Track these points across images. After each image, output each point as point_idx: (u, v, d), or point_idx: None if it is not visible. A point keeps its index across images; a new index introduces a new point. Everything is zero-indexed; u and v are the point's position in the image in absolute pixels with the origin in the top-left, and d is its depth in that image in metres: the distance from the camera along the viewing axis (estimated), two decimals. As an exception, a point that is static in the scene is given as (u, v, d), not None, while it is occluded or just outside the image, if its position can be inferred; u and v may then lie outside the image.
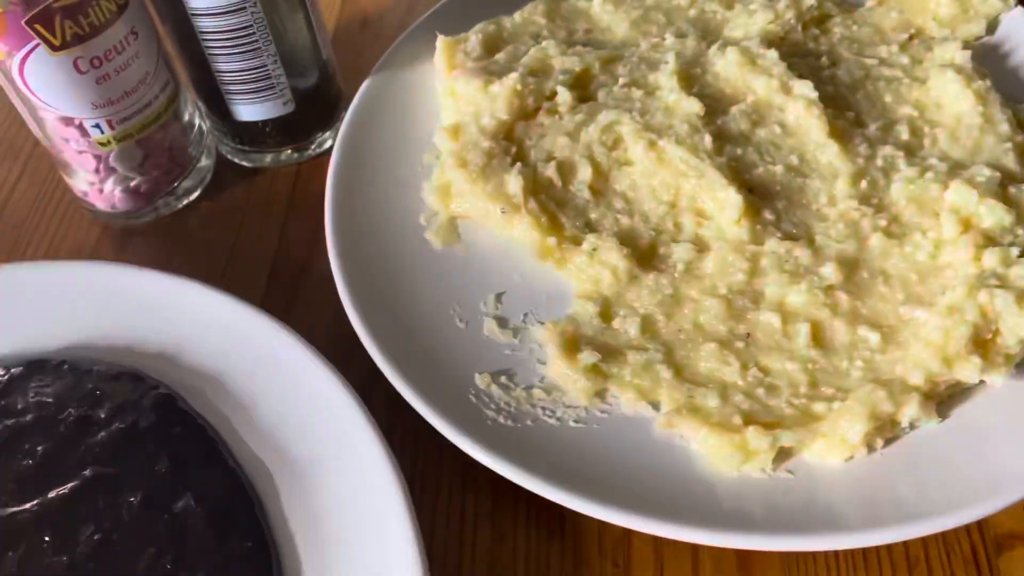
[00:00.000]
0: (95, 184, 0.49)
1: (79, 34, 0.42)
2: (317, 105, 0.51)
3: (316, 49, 0.49)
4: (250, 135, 0.50)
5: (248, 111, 0.48)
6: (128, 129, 0.46)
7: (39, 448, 0.38)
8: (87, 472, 0.37)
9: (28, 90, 0.44)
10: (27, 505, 0.37)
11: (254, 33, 0.45)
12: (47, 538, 0.36)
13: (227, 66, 0.46)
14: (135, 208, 0.50)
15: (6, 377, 0.41)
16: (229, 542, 0.35)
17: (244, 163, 0.52)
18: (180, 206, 0.51)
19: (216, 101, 0.48)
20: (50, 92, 0.44)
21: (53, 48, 0.42)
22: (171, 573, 0.35)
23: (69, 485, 0.37)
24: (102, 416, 0.39)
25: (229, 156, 0.53)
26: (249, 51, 0.45)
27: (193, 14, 0.44)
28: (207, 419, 0.39)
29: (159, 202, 0.50)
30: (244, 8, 0.44)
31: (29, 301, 0.44)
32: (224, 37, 0.45)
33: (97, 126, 0.46)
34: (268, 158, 0.52)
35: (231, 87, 0.47)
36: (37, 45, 0.42)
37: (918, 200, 0.42)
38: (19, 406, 0.40)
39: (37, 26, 0.41)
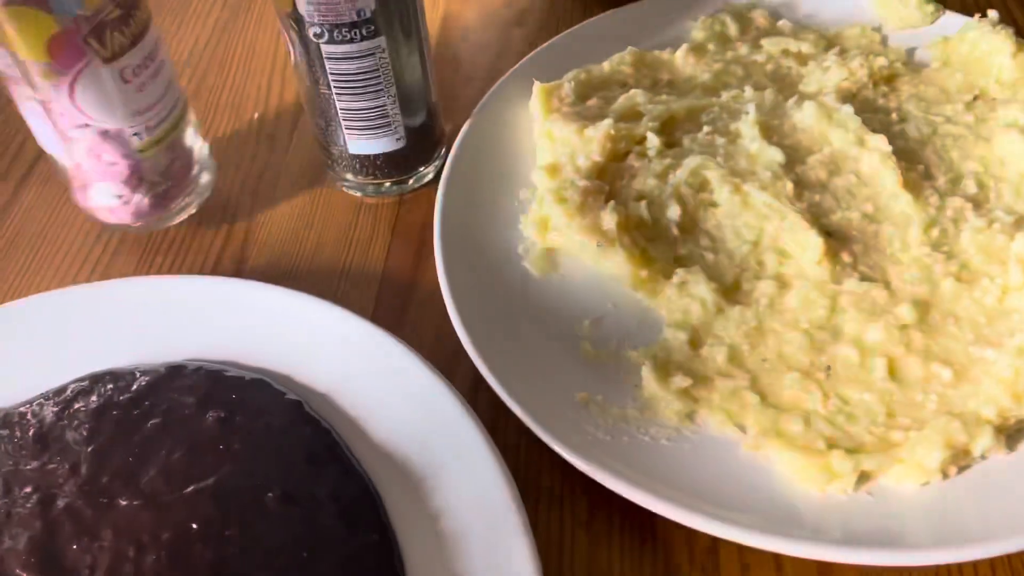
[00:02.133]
0: (123, 196, 0.52)
1: (124, 44, 0.47)
2: (423, 141, 0.55)
3: (427, 90, 0.53)
4: (362, 167, 0.54)
5: (363, 146, 0.53)
6: (160, 134, 0.51)
7: (183, 445, 0.42)
8: (226, 468, 0.41)
9: (76, 109, 0.47)
10: (174, 496, 0.40)
11: (379, 76, 0.49)
12: (194, 525, 0.39)
13: (351, 104, 0.50)
14: (158, 215, 0.54)
15: (147, 381, 0.45)
16: (358, 535, 0.39)
17: (352, 192, 0.57)
18: (180, 220, 0.55)
19: (334, 134, 0.53)
20: (100, 106, 0.48)
21: (105, 60, 0.46)
22: (306, 560, 0.38)
23: (211, 479, 0.41)
24: (237, 419, 0.43)
25: (339, 185, 0.57)
26: (372, 92, 0.50)
27: (328, 58, 0.48)
28: (331, 423, 0.43)
29: (176, 210, 0.55)
30: (373, 54, 0.48)
31: (156, 312, 0.48)
32: (352, 79, 0.49)
33: (137, 134, 0.50)
34: (370, 188, 0.56)
35: (351, 123, 0.51)
36: (89, 61, 0.46)
37: (986, 249, 0.46)
38: (162, 407, 0.44)
39: (91, 40, 0.45)
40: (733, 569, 0.41)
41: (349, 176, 0.55)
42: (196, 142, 0.55)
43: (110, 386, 0.44)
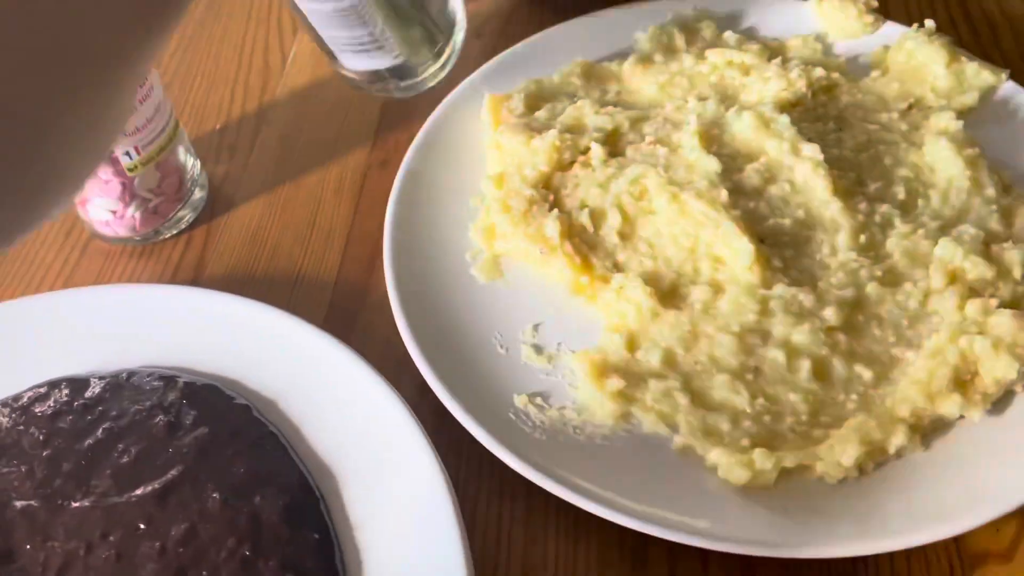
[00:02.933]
0: (117, 211, 0.54)
1: None
2: (426, 44, 0.57)
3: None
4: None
5: (361, 62, 0.54)
6: (150, 153, 0.53)
7: (133, 448, 0.44)
8: (174, 471, 0.43)
9: None
10: (124, 497, 0.42)
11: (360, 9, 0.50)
12: (142, 525, 0.41)
13: (335, 34, 0.52)
14: (152, 228, 0.56)
15: (102, 386, 0.47)
16: (300, 534, 0.41)
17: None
18: (174, 232, 0.57)
19: (331, 53, 0.55)
20: None
21: None
22: (250, 559, 0.40)
23: (160, 481, 0.42)
24: (187, 423, 0.45)
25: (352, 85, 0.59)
26: (357, 25, 0.51)
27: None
28: (279, 427, 0.45)
29: (168, 224, 0.57)
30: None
31: (111, 320, 0.49)
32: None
33: (127, 153, 0.52)
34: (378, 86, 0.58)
35: (341, 48, 0.53)
36: None
37: (911, 254, 0.48)
38: (114, 412, 0.45)
39: None
40: (661, 563, 0.42)
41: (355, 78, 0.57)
42: (188, 160, 0.57)
43: (66, 392, 0.46)
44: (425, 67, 0.57)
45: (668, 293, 0.49)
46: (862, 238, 0.49)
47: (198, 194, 0.58)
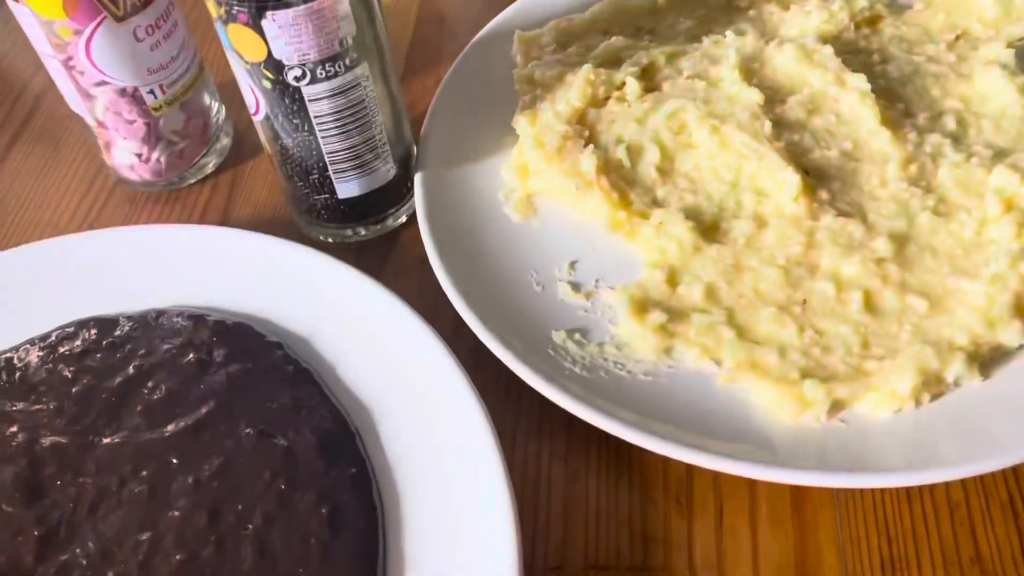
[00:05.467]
0: (143, 154, 0.53)
1: (136, 4, 0.48)
2: (406, 168, 0.51)
3: (403, 107, 0.50)
4: (350, 211, 0.50)
5: (353, 187, 0.48)
6: (175, 92, 0.52)
7: (163, 385, 0.43)
8: (206, 407, 0.42)
9: (93, 66, 0.48)
10: (156, 433, 0.41)
11: (366, 107, 0.45)
12: (175, 460, 0.40)
13: (340, 145, 0.46)
14: (177, 174, 0.55)
15: (131, 325, 0.46)
16: (336, 468, 0.40)
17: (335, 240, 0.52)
18: (199, 178, 0.56)
19: (318, 185, 0.48)
20: (114, 64, 0.49)
21: (117, 19, 0.47)
22: (286, 493, 0.39)
23: (192, 417, 0.42)
24: (219, 359, 0.44)
25: (322, 238, 0.52)
26: (362, 125, 0.46)
27: (312, 100, 0.44)
28: (312, 365, 0.44)
29: (194, 170, 0.55)
30: (358, 84, 0.44)
31: (139, 261, 0.48)
32: (339, 117, 0.45)
33: (152, 92, 0.51)
34: (354, 231, 0.52)
35: (340, 165, 0.47)
36: (104, 19, 0.47)
37: (964, 183, 0.46)
38: (144, 350, 0.44)
39: (105, 0, 0.46)
40: (707, 499, 0.41)
41: (332, 226, 0.51)
42: (213, 104, 0.56)
43: (94, 331, 0.45)
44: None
45: (710, 228, 0.47)
46: (912, 168, 0.47)
47: (224, 140, 0.57)
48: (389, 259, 0.52)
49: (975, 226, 0.44)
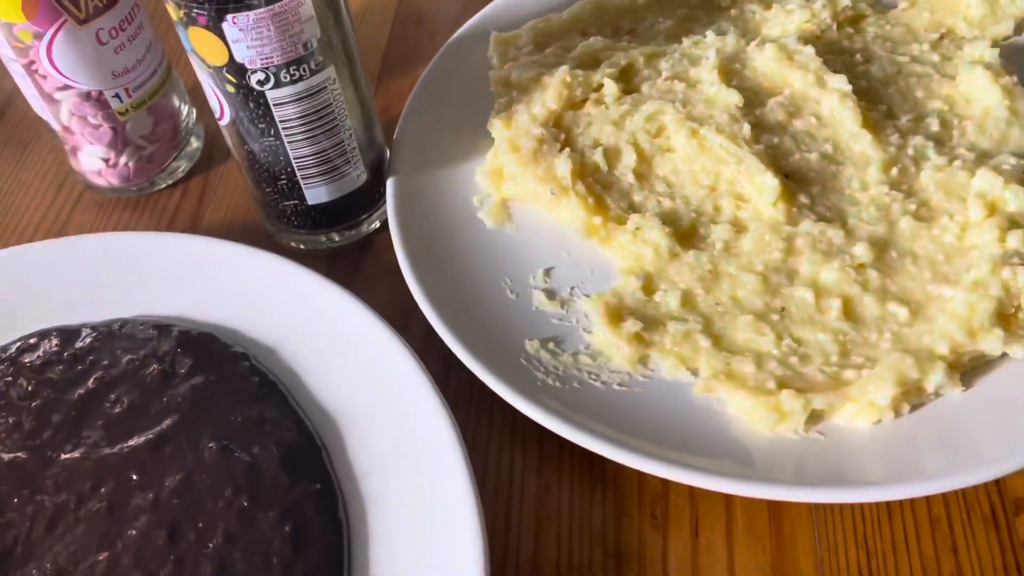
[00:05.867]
0: (110, 159, 0.52)
1: (99, 6, 0.46)
2: (379, 173, 0.50)
3: (374, 112, 0.49)
4: (320, 217, 0.49)
5: (322, 192, 0.47)
6: (142, 96, 0.51)
7: (125, 398, 0.42)
8: (169, 421, 0.41)
9: (55, 70, 0.47)
10: (116, 448, 0.40)
11: (333, 110, 0.44)
12: (134, 476, 0.39)
13: (307, 150, 0.45)
14: (147, 178, 0.54)
15: (93, 336, 0.44)
16: (300, 484, 0.39)
17: (307, 247, 0.51)
18: (177, 180, 0.55)
19: (287, 191, 0.47)
20: (77, 67, 0.47)
21: (79, 22, 0.46)
22: (248, 510, 0.38)
23: (154, 431, 0.40)
24: (182, 371, 0.43)
25: (293, 244, 0.51)
26: (329, 130, 0.44)
27: (277, 104, 0.42)
28: (278, 375, 0.43)
29: (163, 174, 0.54)
30: (325, 87, 0.43)
31: (105, 269, 0.47)
32: (307, 121, 0.44)
33: (117, 96, 0.50)
34: (327, 237, 0.51)
35: (309, 171, 0.46)
36: (65, 22, 0.46)
37: (946, 186, 0.45)
38: (106, 361, 0.43)
39: (65, 2, 0.45)
40: (683, 513, 0.40)
41: (303, 232, 0.50)
42: (183, 107, 0.55)
43: (56, 341, 0.44)
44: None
45: (687, 233, 0.46)
46: (894, 171, 0.46)
47: (194, 144, 0.56)
48: (362, 265, 0.51)
49: (957, 230, 0.43)
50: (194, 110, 0.56)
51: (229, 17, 0.39)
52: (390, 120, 0.54)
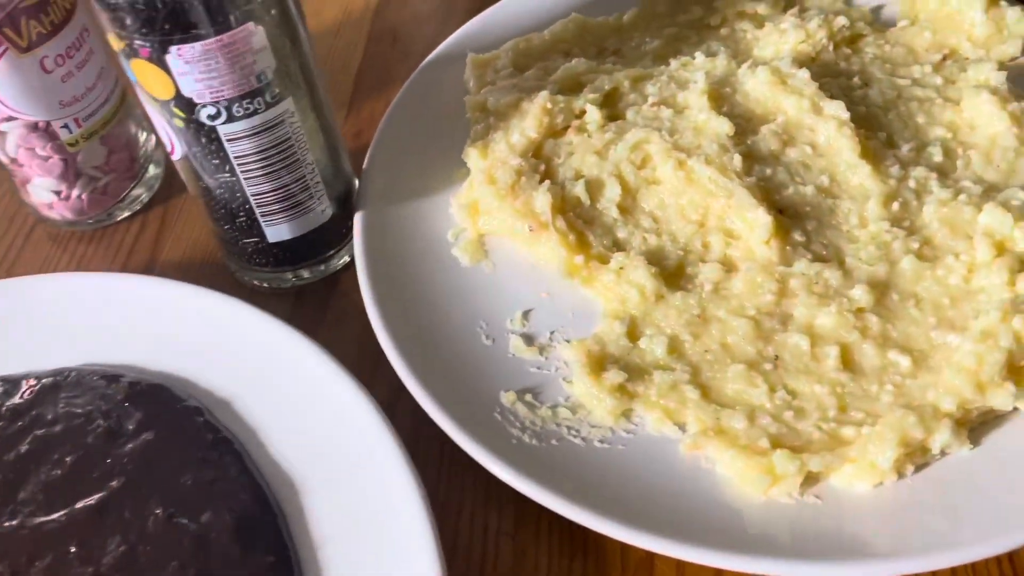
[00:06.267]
0: (62, 191, 0.49)
1: (42, 33, 0.43)
2: (346, 207, 0.47)
3: (341, 146, 0.46)
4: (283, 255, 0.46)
5: (283, 230, 0.44)
6: (93, 126, 0.48)
7: (67, 459, 0.39)
8: (114, 483, 0.38)
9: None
10: (54, 516, 0.37)
11: (292, 145, 0.41)
12: (73, 548, 0.36)
13: (264, 187, 0.42)
14: (103, 210, 0.51)
15: (37, 387, 0.41)
16: (253, 556, 0.36)
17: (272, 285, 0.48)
18: (136, 211, 0.52)
19: (246, 228, 0.44)
20: (21, 96, 0.45)
21: (21, 50, 0.43)
22: (195, 586, 0.35)
23: (96, 496, 0.37)
24: (130, 428, 0.40)
25: (256, 283, 0.48)
26: (289, 165, 0.42)
27: (230, 139, 0.40)
28: (233, 432, 0.40)
29: (121, 205, 0.51)
30: (282, 121, 0.40)
31: (51, 313, 0.44)
32: (263, 157, 0.41)
33: (66, 126, 0.47)
34: (295, 274, 0.48)
35: (268, 208, 0.43)
36: (6, 49, 0.43)
37: (951, 223, 0.42)
38: (48, 416, 0.40)
39: (6, 30, 0.42)
40: (670, 583, 0.37)
41: (266, 270, 0.47)
42: (140, 134, 0.52)
43: (-5, 394, 0.41)
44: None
45: (674, 273, 0.43)
46: (895, 206, 0.43)
47: (152, 171, 0.53)
48: (331, 304, 0.48)
49: (963, 272, 0.41)
50: (152, 136, 0.53)
51: (174, 49, 0.36)
52: (362, 147, 0.51)
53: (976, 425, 0.37)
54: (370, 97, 0.57)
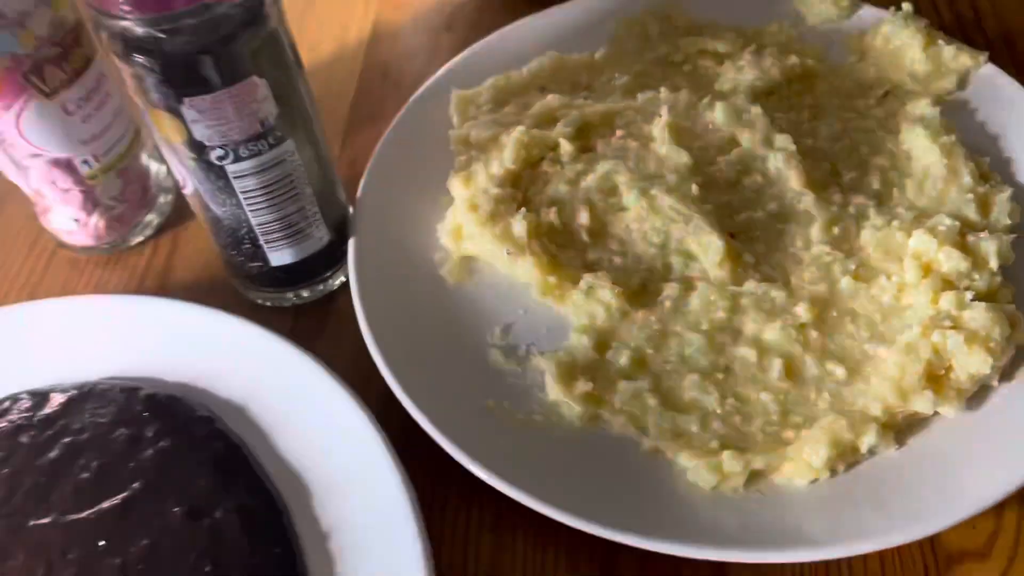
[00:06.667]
0: (80, 219, 0.54)
1: (64, 79, 0.48)
2: (341, 233, 0.51)
3: (335, 179, 0.50)
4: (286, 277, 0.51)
5: (286, 255, 0.49)
6: (110, 161, 0.52)
7: (94, 463, 0.43)
8: (136, 485, 0.42)
9: (24, 140, 0.49)
10: (83, 514, 0.41)
11: (293, 180, 0.45)
12: (102, 542, 0.40)
13: (268, 217, 0.46)
14: (118, 236, 0.55)
15: (64, 400, 0.46)
16: (261, 548, 0.40)
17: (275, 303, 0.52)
18: (148, 236, 0.57)
19: (251, 253, 0.49)
20: (45, 137, 0.49)
21: (45, 95, 0.48)
22: (210, 574, 0.39)
23: (120, 496, 0.42)
24: (149, 435, 0.44)
25: (260, 301, 0.53)
26: (290, 198, 0.46)
27: (236, 177, 0.44)
28: (242, 438, 0.44)
29: (135, 231, 0.56)
30: (284, 160, 0.44)
31: (73, 333, 0.49)
32: (266, 191, 0.45)
33: (85, 161, 0.51)
34: (295, 294, 0.52)
35: (272, 236, 0.47)
36: (32, 95, 0.47)
37: (885, 246, 0.47)
38: (76, 425, 0.45)
39: (32, 77, 0.47)
40: (632, 568, 0.41)
41: (269, 290, 0.52)
42: (152, 165, 0.56)
43: (26, 406, 0.45)
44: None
45: (638, 292, 0.48)
46: (835, 230, 0.48)
47: (163, 199, 0.57)
48: (327, 321, 0.52)
49: (894, 291, 0.45)
50: (163, 167, 0.58)
51: (187, 100, 0.40)
52: (357, 175, 0.56)
53: (903, 428, 0.42)
54: (365, 128, 0.62)
